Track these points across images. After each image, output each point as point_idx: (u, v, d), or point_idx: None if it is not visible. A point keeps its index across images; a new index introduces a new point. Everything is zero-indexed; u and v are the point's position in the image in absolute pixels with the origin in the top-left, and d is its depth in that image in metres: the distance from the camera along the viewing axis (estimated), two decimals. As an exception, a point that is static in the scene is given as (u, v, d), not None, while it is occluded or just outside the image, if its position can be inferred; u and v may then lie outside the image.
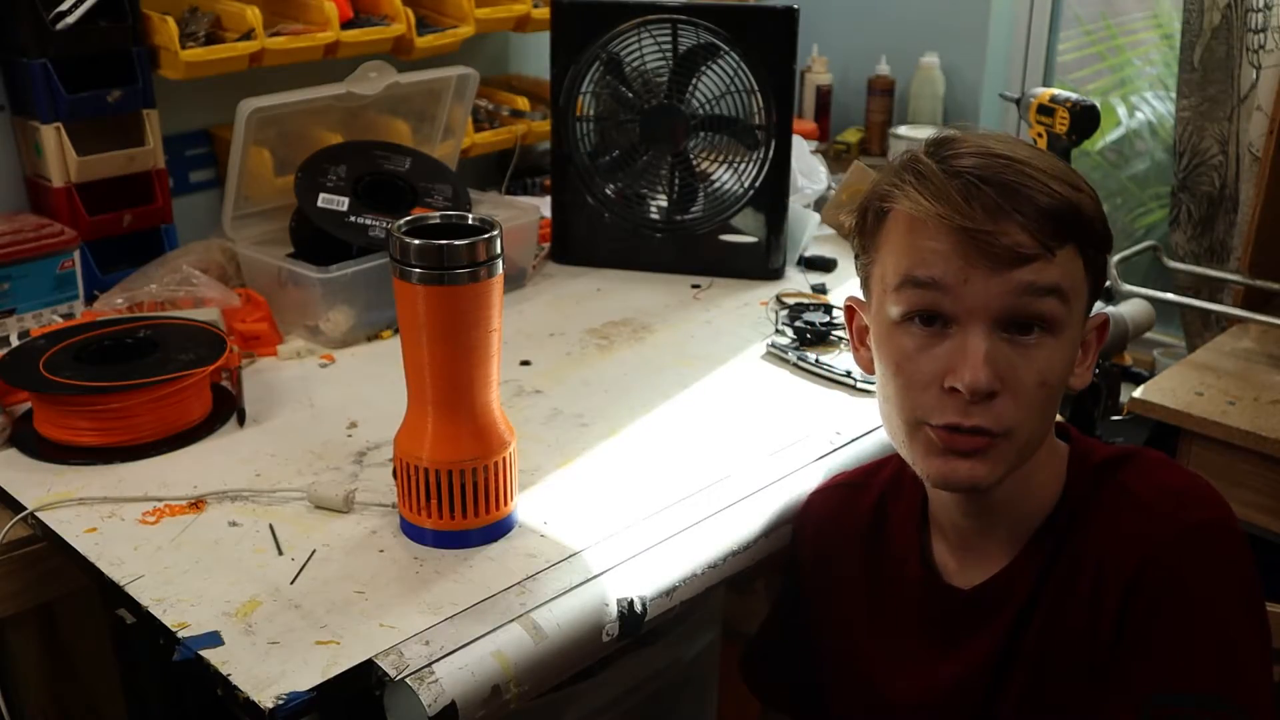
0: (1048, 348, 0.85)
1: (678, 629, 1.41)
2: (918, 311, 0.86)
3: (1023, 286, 0.82)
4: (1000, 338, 0.84)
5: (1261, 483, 1.45)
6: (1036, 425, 0.87)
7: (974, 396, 0.83)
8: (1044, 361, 0.84)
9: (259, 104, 1.51)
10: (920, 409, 0.87)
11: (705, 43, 1.65)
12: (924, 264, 0.85)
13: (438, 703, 0.87)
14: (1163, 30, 2.56)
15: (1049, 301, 0.83)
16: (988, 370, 0.83)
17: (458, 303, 0.98)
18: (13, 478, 1.17)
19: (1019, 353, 0.84)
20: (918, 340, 0.87)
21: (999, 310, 0.83)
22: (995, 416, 0.84)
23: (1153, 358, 2.12)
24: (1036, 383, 0.84)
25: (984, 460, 0.86)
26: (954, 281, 0.83)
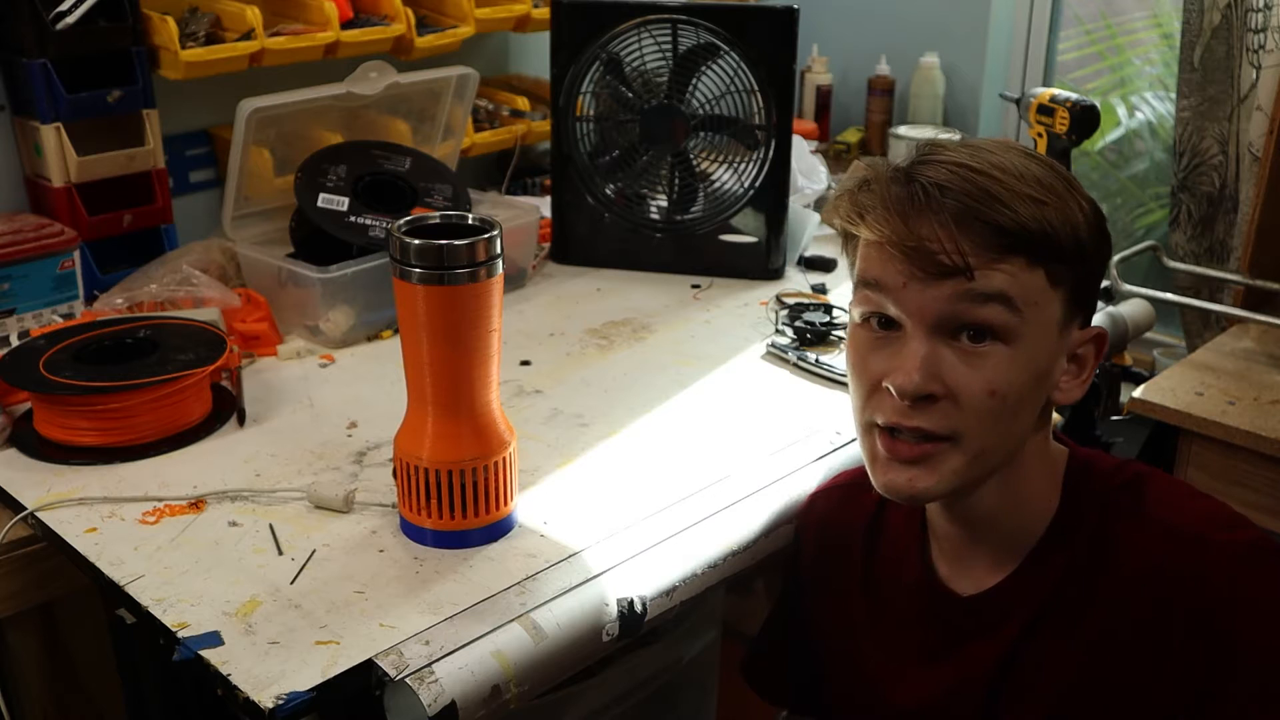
0: (999, 356, 0.84)
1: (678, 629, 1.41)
2: (872, 313, 0.87)
3: (960, 293, 0.82)
4: (946, 343, 0.84)
5: (1261, 483, 1.45)
6: (990, 436, 0.86)
7: (903, 398, 0.84)
8: (993, 370, 0.84)
9: (259, 104, 1.51)
10: (869, 409, 0.88)
11: (705, 43, 1.65)
12: (871, 267, 0.87)
13: (438, 703, 0.87)
14: (1163, 30, 2.56)
15: (992, 308, 0.83)
16: (921, 373, 0.83)
17: (458, 303, 0.98)
18: (13, 478, 1.17)
19: (965, 359, 0.84)
20: (870, 341, 0.88)
21: (937, 315, 0.84)
22: (935, 420, 0.85)
23: (1153, 358, 2.12)
24: (984, 391, 0.84)
25: (926, 469, 0.86)
26: (894, 285, 0.85)
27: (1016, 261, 0.82)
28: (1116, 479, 0.93)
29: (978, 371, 0.84)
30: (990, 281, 0.82)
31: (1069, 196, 0.85)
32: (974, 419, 0.84)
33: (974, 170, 0.83)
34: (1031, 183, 0.84)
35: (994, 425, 0.85)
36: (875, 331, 0.88)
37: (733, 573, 1.10)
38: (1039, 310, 0.84)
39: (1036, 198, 0.83)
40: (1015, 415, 0.86)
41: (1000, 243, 0.82)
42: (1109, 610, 0.88)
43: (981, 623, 0.94)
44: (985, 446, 0.86)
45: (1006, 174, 0.83)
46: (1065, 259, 0.84)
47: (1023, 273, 0.83)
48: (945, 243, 0.81)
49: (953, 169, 0.83)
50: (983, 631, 0.94)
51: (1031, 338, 0.85)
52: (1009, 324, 0.83)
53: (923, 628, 0.98)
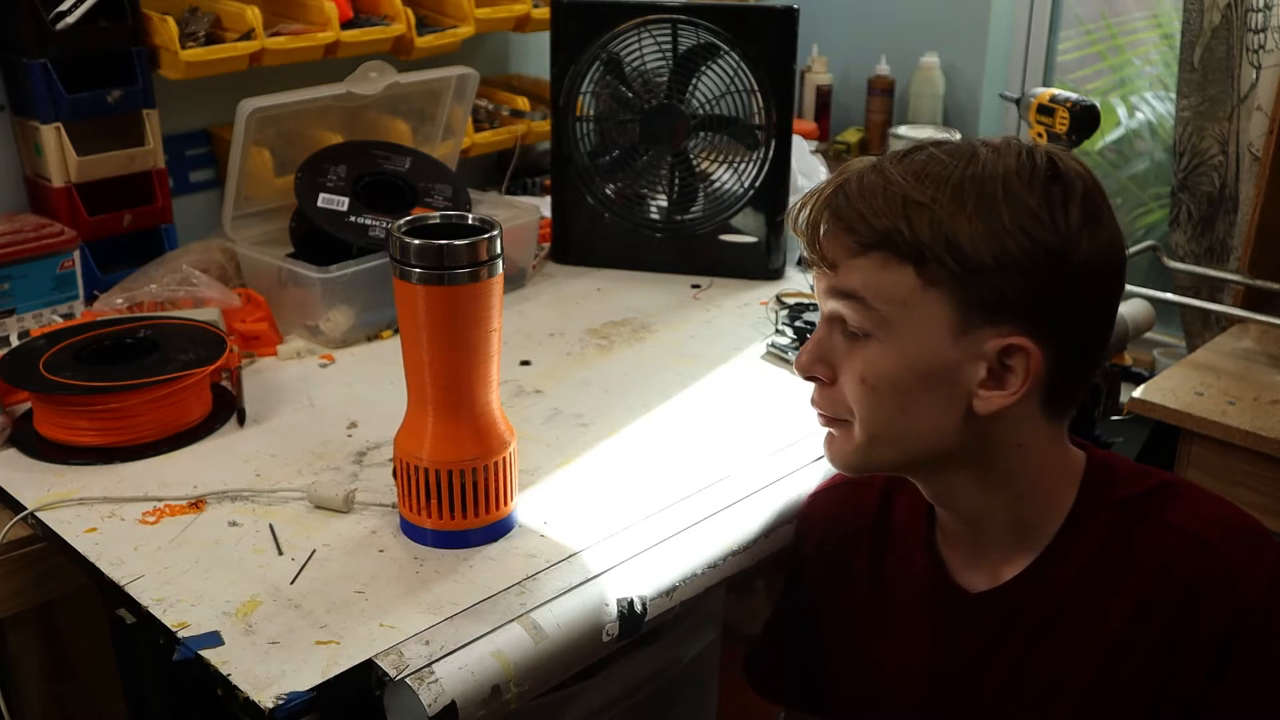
0: (872, 349, 0.88)
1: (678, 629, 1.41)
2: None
3: (830, 288, 0.89)
4: (840, 331, 0.90)
5: (1261, 483, 1.45)
6: (878, 424, 0.89)
7: (799, 376, 0.93)
8: (863, 360, 0.88)
9: (259, 104, 1.51)
10: None
11: (705, 43, 1.65)
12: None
13: (438, 703, 0.87)
14: (1163, 30, 2.56)
15: (847, 303, 0.87)
16: (807, 356, 0.92)
17: (458, 303, 0.98)
18: (13, 478, 1.17)
19: (848, 349, 0.89)
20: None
21: (826, 304, 0.90)
22: (824, 403, 0.93)
23: (1153, 358, 2.12)
24: (855, 378, 0.89)
25: (832, 442, 0.95)
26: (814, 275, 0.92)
27: (875, 255, 0.85)
28: (1140, 485, 0.92)
29: (851, 360, 0.89)
30: (847, 278, 0.87)
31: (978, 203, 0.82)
32: (853, 404, 0.90)
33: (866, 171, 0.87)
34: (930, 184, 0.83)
35: (875, 415, 0.89)
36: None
37: (733, 573, 1.10)
38: (910, 309, 0.85)
39: (916, 200, 0.83)
40: (901, 410, 0.88)
41: (857, 240, 0.86)
42: (1126, 614, 0.88)
43: (991, 619, 0.94)
44: (874, 433, 0.90)
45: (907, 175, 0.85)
46: (936, 260, 0.83)
47: (884, 267, 0.85)
48: (818, 237, 0.89)
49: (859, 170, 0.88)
50: (993, 628, 0.94)
51: (907, 336, 0.86)
52: (871, 320, 0.87)
53: (932, 624, 0.98)
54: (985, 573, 0.96)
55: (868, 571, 1.04)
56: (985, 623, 0.95)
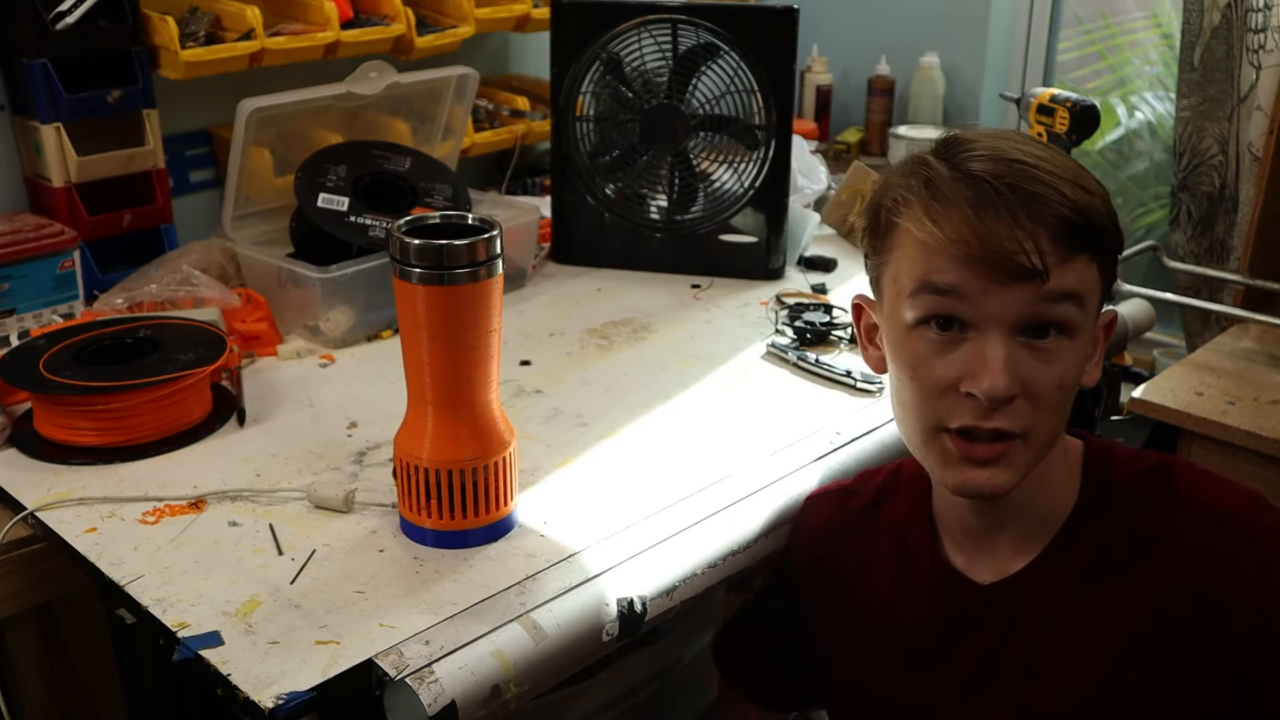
0: (1065, 350, 0.85)
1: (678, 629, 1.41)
2: (934, 316, 0.85)
3: (1041, 294, 0.82)
4: (1018, 342, 0.84)
5: (1261, 483, 1.44)
6: (1053, 426, 0.87)
7: (993, 403, 0.83)
8: (1061, 365, 0.85)
9: (259, 104, 1.51)
10: (937, 414, 0.87)
11: (705, 43, 1.65)
12: (940, 271, 0.84)
13: (438, 702, 0.87)
14: (1163, 30, 2.56)
15: (1066, 307, 0.83)
16: (1007, 376, 0.82)
17: (458, 303, 0.98)
18: (13, 478, 1.17)
19: (1036, 356, 0.84)
20: (934, 345, 0.86)
21: (1017, 317, 0.83)
22: (1014, 419, 0.84)
23: (1153, 358, 2.13)
24: (1055, 385, 0.85)
25: (1002, 468, 0.86)
26: (973, 290, 0.83)
27: (1083, 258, 0.83)
28: (1140, 465, 0.93)
29: (1049, 367, 0.84)
30: (1065, 281, 0.82)
31: (1099, 185, 0.86)
32: (1045, 414, 0.85)
33: (1023, 163, 0.82)
34: (1074, 174, 0.84)
35: (1058, 416, 0.87)
36: (935, 334, 0.86)
37: (733, 573, 1.10)
38: (1093, 302, 0.86)
39: (1085, 188, 0.83)
40: (1069, 405, 0.88)
41: (1069, 238, 0.82)
42: (1148, 594, 0.88)
43: (1002, 610, 0.94)
44: (1048, 438, 0.88)
45: (1053, 165, 0.83)
46: (1112, 249, 0.86)
47: (1088, 267, 0.84)
48: (1024, 243, 0.80)
49: (1004, 163, 0.83)
50: (1004, 619, 0.94)
51: (1086, 330, 0.86)
52: (1076, 319, 0.84)
53: (941, 620, 0.98)
54: (992, 567, 0.95)
55: (865, 576, 1.04)
56: (997, 614, 0.94)
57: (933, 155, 0.87)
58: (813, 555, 1.10)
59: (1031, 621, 0.93)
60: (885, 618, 1.02)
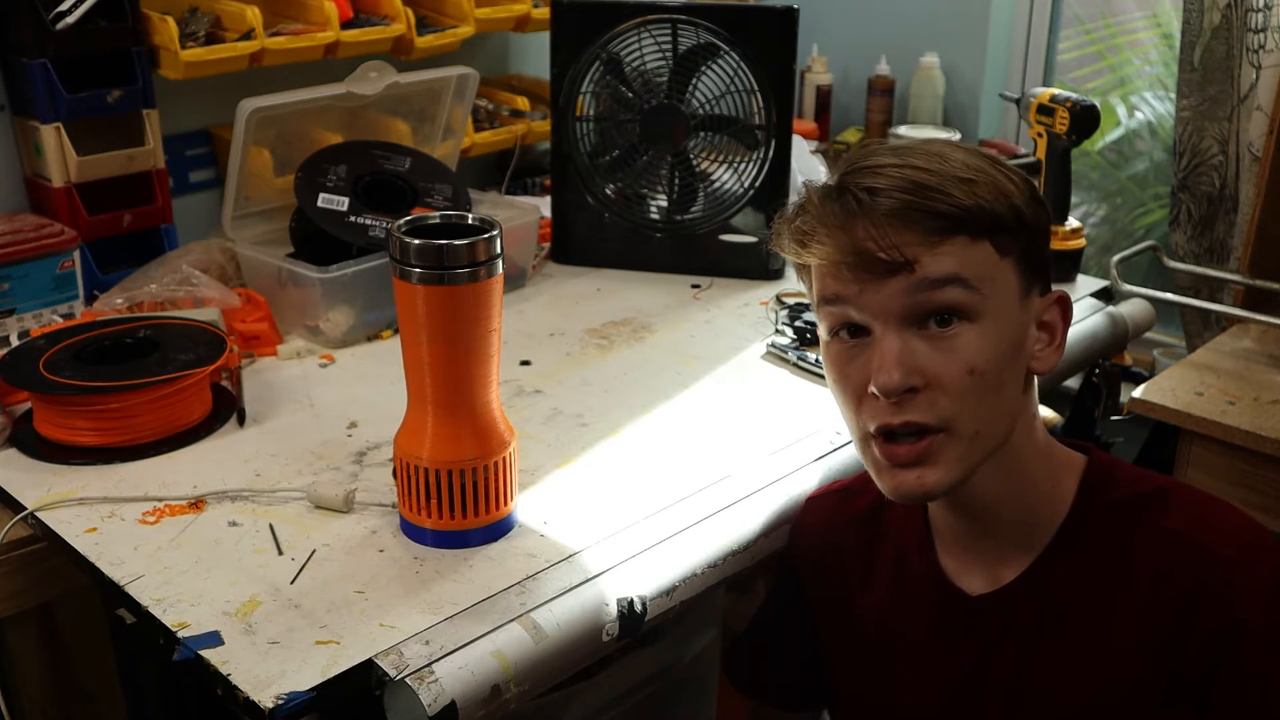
0: (969, 335, 0.85)
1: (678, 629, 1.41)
2: (840, 325, 0.89)
3: (915, 284, 0.84)
4: (916, 334, 0.86)
5: (1261, 483, 1.45)
6: (982, 415, 0.87)
7: (888, 396, 0.85)
8: (966, 349, 0.85)
9: (259, 104, 1.51)
10: (860, 419, 0.89)
11: (705, 43, 1.65)
12: (827, 284, 0.88)
13: (438, 702, 0.87)
14: (1163, 30, 2.56)
15: (951, 291, 0.84)
16: (899, 370, 0.85)
17: (458, 303, 0.98)
18: (13, 478, 1.17)
19: (937, 346, 0.85)
20: (844, 351, 0.90)
21: (901, 309, 0.85)
22: (922, 411, 0.86)
23: (1153, 358, 2.13)
24: (963, 371, 0.85)
25: (929, 466, 0.87)
26: (851, 293, 0.86)
27: (958, 240, 0.84)
28: (1139, 487, 0.92)
29: (952, 354, 0.85)
30: (940, 265, 0.84)
31: (996, 172, 0.87)
32: (959, 401, 0.86)
33: (902, 167, 0.85)
34: (958, 165, 0.86)
35: (980, 404, 0.86)
36: (846, 342, 0.89)
37: (733, 573, 1.10)
38: (995, 284, 0.86)
39: (964, 177, 0.85)
40: (998, 390, 0.87)
41: (939, 226, 0.84)
42: (1132, 617, 0.88)
43: (992, 622, 0.94)
44: (979, 427, 0.87)
45: (934, 161, 0.86)
46: (1006, 228, 0.86)
47: (968, 249, 0.85)
48: (879, 240, 0.84)
49: (880, 170, 0.86)
50: (994, 630, 0.94)
51: (996, 312, 0.86)
52: (969, 301, 0.85)
53: (931, 627, 0.98)
54: (983, 576, 0.95)
55: (864, 578, 1.04)
56: (986, 625, 0.94)
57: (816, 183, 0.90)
58: (814, 554, 1.10)
59: (1018, 634, 0.93)
60: (881, 621, 1.02)
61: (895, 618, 1.01)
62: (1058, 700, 0.91)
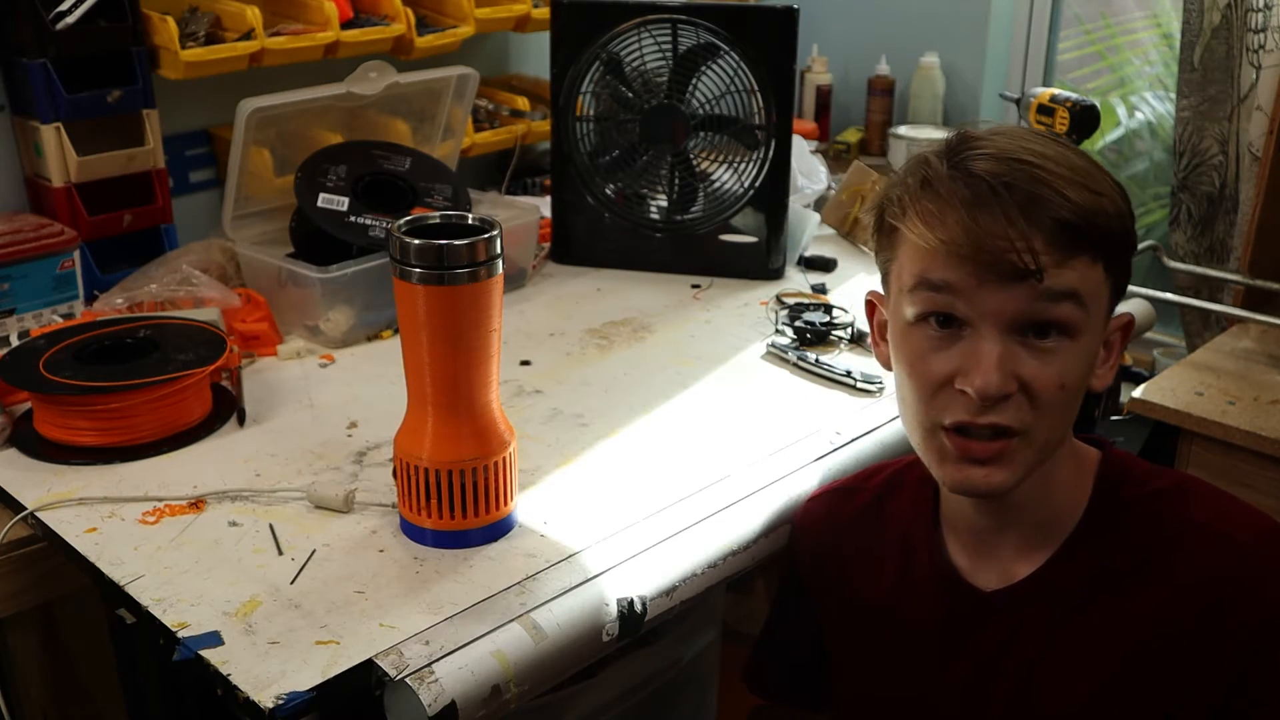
0: (1065, 351, 0.84)
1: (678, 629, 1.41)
2: (932, 313, 0.86)
3: (1037, 293, 0.82)
4: (1016, 341, 0.84)
5: (1261, 483, 1.45)
6: (1055, 427, 0.87)
7: (984, 401, 0.83)
8: (1061, 365, 0.84)
9: (259, 104, 1.51)
10: (934, 410, 0.87)
11: (705, 43, 1.65)
12: (937, 267, 0.84)
13: (438, 702, 0.87)
14: (1163, 30, 2.56)
15: (1064, 307, 0.83)
16: (999, 375, 0.83)
17: (458, 303, 0.98)
18: (13, 478, 1.17)
19: (1035, 356, 0.84)
20: (932, 341, 0.86)
21: (1013, 315, 0.83)
22: (1010, 416, 0.84)
23: (1153, 358, 2.12)
24: (1055, 386, 0.84)
25: (1000, 466, 0.86)
26: (967, 286, 0.83)
27: (1083, 258, 0.83)
28: (1157, 483, 0.92)
29: (1049, 367, 0.84)
30: (1062, 280, 0.82)
31: (1112, 185, 0.86)
32: (1045, 414, 0.85)
33: (1027, 163, 0.82)
34: (1082, 174, 0.84)
35: (1059, 417, 0.86)
36: (935, 330, 0.86)
37: (733, 573, 1.10)
38: (1098, 303, 0.86)
39: (1092, 189, 0.83)
40: (1074, 405, 0.88)
41: (1067, 239, 0.81)
42: (1150, 614, 0.88)
43: (1005, 618, 0.94)
44: (1050, 438, 0.87)
45: (1059, 165, 0.83)
46: (1119, 250, 0.85)
47: (1087, 268, 0.83)
48: (1017, 242, 0.80)
49: (1007, 162, 0.82)
50: (1006, 627, 0.93)
51: (1091, 331, 0.86)
52: (1076, 319, 0.84)
53: (940, 623, 0.97)
54: (997, 572, 0.95)
55: (867, 575, 1.04)
56: (998, 621, 0.94)
57: (936, 154, 0.86)
58: (815, 552, 1.10)
59: (1031, 631, 0.92)
60: (886, 617, 1.01)
61: (902, 614, 1.00)
62: (1070, 697, 0.90)
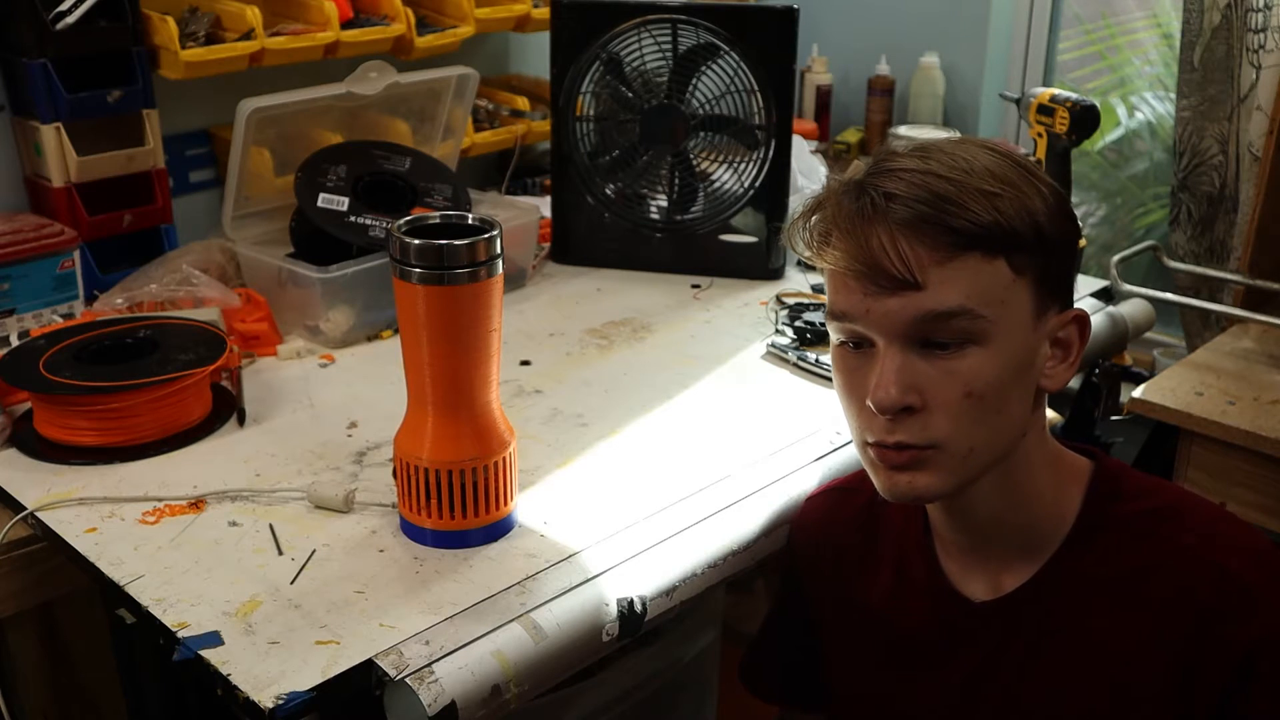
0: (974, 358, 0.84)
1: (678, 629, 1.41)
2: (847, 338, 0.88)
3: (922, 314, 0.82)
4: (916, 353, 0.84)
5: (1261, 483, 1.45)
6: (977, 435, 0.85)
7: (884, 413, 0.85)
8: (969, 373, 0.84)
9: (259, 104, 1.51)
10: (860, 427, 0.89)
11: (705, 43, 1.65)
12: (837, 295, 0.87)
13: (438, 703, 0.87)
14: (1163, 30, 2.56)
15: (956, 323, 0.83)
16: (896, 388, 0.84)
17: (458, 303, 0.98)
18: (13, 478, 1.17)
19: (939, 366, 0.84)
20: (850, 362, 0.89)
21: (904, 330, 0.84)
22: (917, 431, 0.85)
23: (1153, 358, 2.13)
24: (961, 394, 0.84)
25: (922, 471, 0.86)
26: (859, 311, 0.85)
27: (971, 258, 0.82)
28: (1150, 501, 0.91)
29: (952, 376, 0.84)
30: (946, 296, 0.82)
31: (1025, 184, 0.85)
32: (953, 425, 0.84)
33: (924, 174, 0.83)
34: (984, 176, 0.83)
35: (976, 425, 0.85)
36: (851, 352, 0.88)
37: (733, 573, 1.10)
38: (1007, 306, 0.84)
39: (989, 190, 0.83)
40: (999, 411, 0.86)
41: (952, 242, 0.82)
42: (1140, 633, 0.87)
43: (994, 629, 0.93)
44: (973, 445, 0.86)
45: (957, 171, 0.83)
46: (1024, 247, 0.84)
47: (980, 268, 0.82)
48: (890, 252, 0.82)
49: (903, 175, 0.83)
50: (995, 638, 0.93)
51: (1005, 334, 0.84)
52: (975, 328, 0.83)
53: (932, 630, 0.97)
54: (985, 582, 0.95)
55: (862, 577, 1.04)
56: (987, 632, 0.94)
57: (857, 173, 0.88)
58: (813, 552, 1.10)
59: (1020, 644, 0.92)
60: (880, 620, 1.02)
61: (895, 619, 1.00)
62: (1056, 711, 0.90)
